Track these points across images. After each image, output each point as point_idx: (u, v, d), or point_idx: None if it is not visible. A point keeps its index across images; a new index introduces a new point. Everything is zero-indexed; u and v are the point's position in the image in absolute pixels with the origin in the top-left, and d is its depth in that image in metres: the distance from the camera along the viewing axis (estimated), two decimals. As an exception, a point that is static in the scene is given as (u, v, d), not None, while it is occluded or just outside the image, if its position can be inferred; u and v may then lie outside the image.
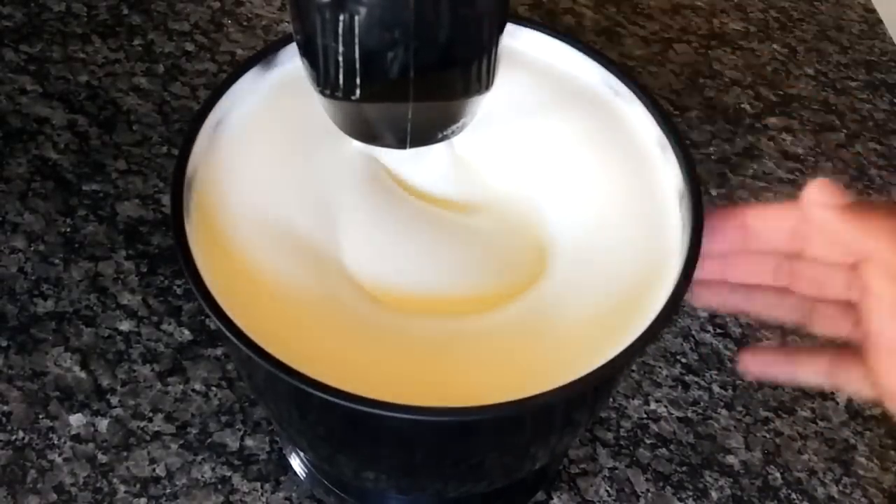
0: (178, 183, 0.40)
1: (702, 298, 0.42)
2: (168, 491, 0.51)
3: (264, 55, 0.44)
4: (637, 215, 0.42)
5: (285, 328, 0.38)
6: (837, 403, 0.58)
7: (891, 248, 0.37)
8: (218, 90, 0.43)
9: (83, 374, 0.55)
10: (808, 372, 0.41)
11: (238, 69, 0.44)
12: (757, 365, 0.42)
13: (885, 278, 0.37)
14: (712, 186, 0.68)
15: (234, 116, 0.43)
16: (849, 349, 0.40)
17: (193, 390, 0.55)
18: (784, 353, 0.43)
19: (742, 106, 0.74)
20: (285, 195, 0.42)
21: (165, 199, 0.62)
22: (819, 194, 0.38)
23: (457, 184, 0.45)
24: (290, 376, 0.35)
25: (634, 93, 0.45)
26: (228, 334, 0.35)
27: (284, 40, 0.44)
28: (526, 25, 0.47)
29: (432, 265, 0.42)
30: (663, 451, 0.56)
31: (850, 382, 0.40)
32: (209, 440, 0.53)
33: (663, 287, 0.39)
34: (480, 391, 0.37)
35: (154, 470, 0.52)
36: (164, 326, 0.57)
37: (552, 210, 0.44)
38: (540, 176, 0.44)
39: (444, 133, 0.40)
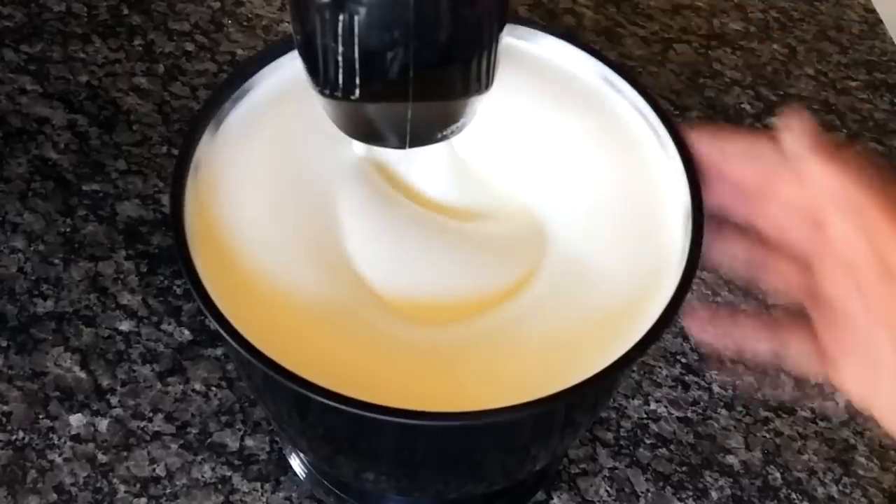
0: (178, 183, 0.40)
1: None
2: (168, 491, 0.51)
3: (266, 54, 0.44)
4: (638, 216, 0.42)
5: (284, 330, 0.38)
6: (837, 403, 0.58)
7: (856, 191, 0.35)
8: (219, 90, 0.43)
9: (83, 374, 0.55)
10: (752, 337, 0.39)
11: (239, 69, 0.44)
12: (700, 325, 0.40)
13: (845, 222, 0.35)
14: (712, 186, 0.68)
15: (234, 117, 0.43)
16: (797, 315, 0.38)
17: (193, 390, 0.55)
18: (730, 315, 0.40)
19: (742, 106, 0.74)
20: (286, 197, 0.42)
21: (165, 199, 0.62)
22: (795, 123, 0.36)
23: (455, 184, 0.45)
24: (288, 379, 0.35)
25: (634, 93, 0.45)
26: (226, 336, 0.35)
27: (286, 41, 0.44)
28: (526, 25, 0.47)
29: (431, 268, 0.42)
30: (663, 451, 0.56)
31: (796, 352, 0.38)
32: (209, 440, 0.53)
33: (664, 288, 0.39)
34: (481, 394, 0.37)
35: (154, 470, 0.52)
36: (164, 326, 0.57)
37: (552, 212, 0.43)
38: (539, 177, 0.44)
39: (444, 133, 0.40)
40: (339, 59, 0.35)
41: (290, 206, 0.42)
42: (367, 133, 0.40)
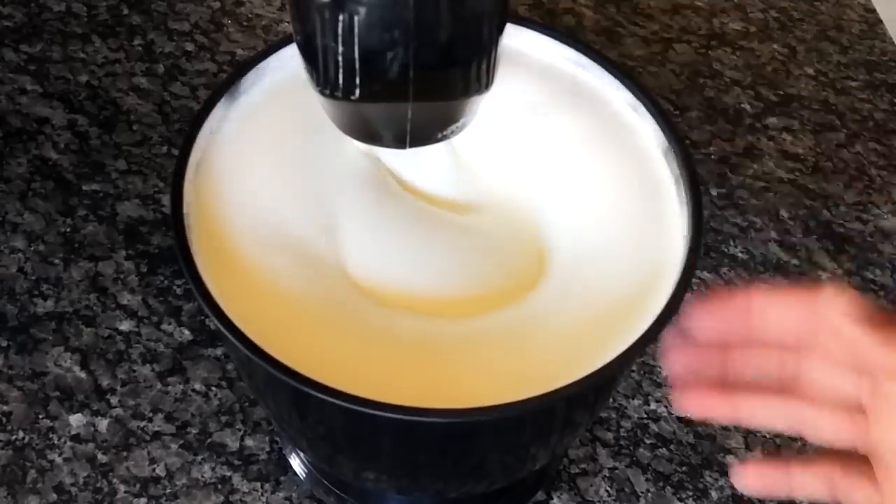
0: (178, 183, 0.40)
1: (694, 404, 0.39)
2: (168, 491, 0.51)
3: (265, 55, 0.44)
4: (637, 215, 0.42)
5: (285, 328, 0.38)
6: (837, 403, 0.58)
7: None
8: (218, 90, 0.43)
9: (83, 374, 0.55)
10: (810, 485, 0.38)
11: (239, 69, 0.44)
12: (755, 479, 0.39)
13: None
14: (712, 186, 0.68)
15: (234, 116, 0.43)
16: (851, 459, 0.37)
17: (193, 390, 0.55)
18: (783, 465, 0.39)
19: (742, 106, 0.74)
20: (285, 195, 0.42)
21: (165, 199, 0.62)
22: (837, 299, 0.35)
23: (456, 184, 0.45)
24: (290, 377, 0.35)
25: (634, 93, 0.45)
26: (228, 335, 0.35)
27: (285, 41, 0.44)
28: (526, 25, 0.47)
29: (432, 266, 0.42)
30: (663, 451, 0.56)
31: (854, 496, 0.37)
32: (209, 440, 0.53)
33: (664, 287, 0.39)
34: (481, 392, 0.37)
35: (154, 470, 0.52)
36: (164, 326, 0.57)
37: (552, 210, 0.44)
38: (539, 176, 0.44)
39: (444, 133, 0.40)
40: (339, 59, 0.35)
41: (289, 205, 0.42)
42: (367, 133, 0.40)
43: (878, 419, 0.35)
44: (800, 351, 0.37)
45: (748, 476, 0.39)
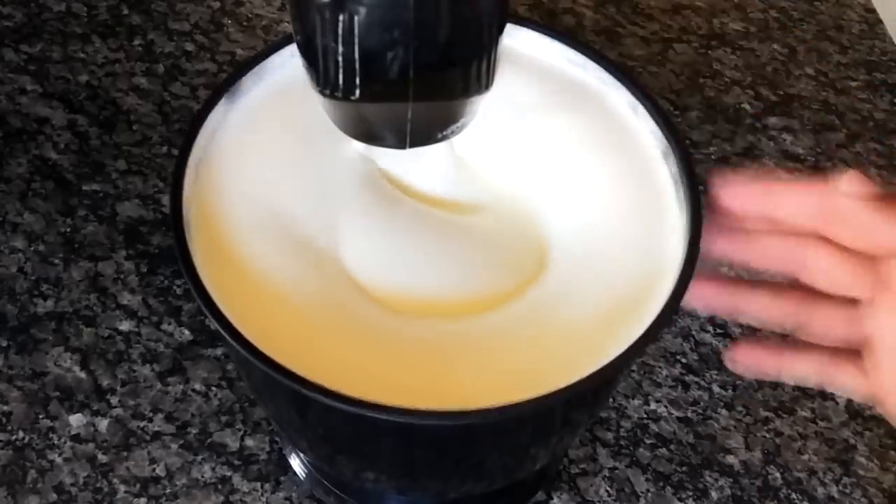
0: (177, 183, 0.40)
1: (698, 297, 0.40)
2: (168, 491, 0.51)
3: (265, 55, 0.44)
4: (636, 215, 0.42)
5: (284, 329, 0.38)
6: (837, 403, 0.58)
7: None
8: (218, 90, 0.43)
9: (83, 374, 0.55)
10: (800, 369, 0.39)
11: (238, 69, 0.44)
12: (747, 359, 0.40)
13: None
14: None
15: (234, 116, 0.43)
16: (845, 350, 0.38)
17: (193, 390, 0.55)
18: (775, 349, 0.40)
19: (742, 106, 0.74)
20: (285, 196, 0.42)
21: (165, 199, 0.62)
22: (850, 184, 0.36)
23: (456, 184, 0.45)
24: (288, 379, 0.35)
25: (634, 93, 0.45)
26: (226, 336, 0.35)
27: (285, 40, 0.44)
28: (526, 25, 0.47)
29: (432, 266, 0.42)
30: (663, 451, 0.56)
31: (844, 382, 0.39)
32: (209, 440, 0.53)
33: (663, 287, 0.39)
34: (480, 393, 0.37)
35: (154, 470, 0.52)
36: (164, 326, 0.57)
37: (551, 210, 0.44)
38: (539, 176, 0.44)
39: (444, 133, 0.40)
40: (340, 59, 0.35)
41: (289, 206, 0.42)
42: (366, 133, 0.40)
43: (879, 305, 0.36)
44: (809, 240, 0.38)
45: (740, 356, 0.40)
